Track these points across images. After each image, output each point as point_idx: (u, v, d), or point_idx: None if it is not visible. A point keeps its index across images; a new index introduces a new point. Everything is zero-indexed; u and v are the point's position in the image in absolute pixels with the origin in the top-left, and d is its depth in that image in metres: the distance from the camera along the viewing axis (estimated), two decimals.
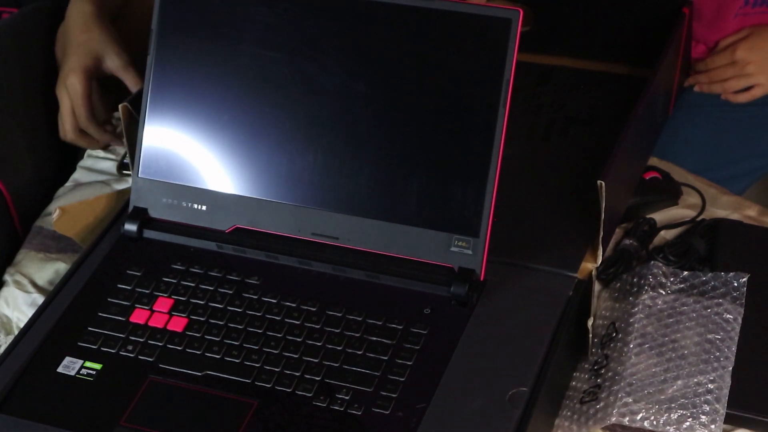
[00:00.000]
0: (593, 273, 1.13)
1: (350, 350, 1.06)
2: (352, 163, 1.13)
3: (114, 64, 1.40)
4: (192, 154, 1.18)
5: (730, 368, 1.10)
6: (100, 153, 1.46)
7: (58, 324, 1.12)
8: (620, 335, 1.15)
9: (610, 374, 1.12)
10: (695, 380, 1.09)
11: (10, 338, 1.20)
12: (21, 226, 1.39)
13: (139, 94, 1.20)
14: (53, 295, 1.15)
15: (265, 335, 1.09)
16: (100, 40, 1.40)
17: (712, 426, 1.05)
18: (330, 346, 1.07)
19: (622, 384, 1.10)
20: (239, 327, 1.10)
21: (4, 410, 1.05)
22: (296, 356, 1.06)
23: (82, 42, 1.40)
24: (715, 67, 1.57)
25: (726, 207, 1.36)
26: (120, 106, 1.21)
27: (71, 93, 1.38)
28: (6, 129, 1.39)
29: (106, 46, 1.40)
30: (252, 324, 1.10)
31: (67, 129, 1.41)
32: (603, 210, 1.11)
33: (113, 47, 1.40)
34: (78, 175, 1.44)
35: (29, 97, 1.43)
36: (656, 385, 1.09)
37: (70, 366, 1.08)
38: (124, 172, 1.42)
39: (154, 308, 1.12)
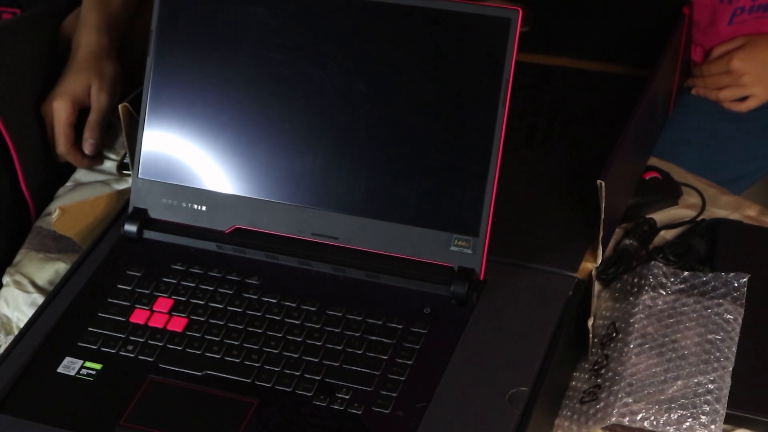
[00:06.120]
0: (593, 273, 1.13)
1: (350, 350, 1.06)
2: (352, 163, 1.13)
3: (93, 98, 1.40)
4: (192, 155, 1.18)
5: (730, 368, 1.10)
6: None
7: (58, 324, 1.12)
8: (620, 335, 1.15)
9: (610, 374, 1.12)
10: (695, 380, 1.09)
11: (10, 338, 1.20)
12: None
13: (139, 95, 1.20)
14: (53, 295, 1.15)
15: (265, 335, 1.09)
16: (102, 75, 1.40)
17: (712, 426, 1.05)
18: (330, 346, 1.07)
19: (622, 384, 1.10)
20: (239, 327, 1.10)
21: (4, 410, 1.05)
22: (296, 356, 1.06)
23: (86, 68, 1.40)
24: (710, 74, 1.57)
25: (726, 207, 1.36)
26: (120, 106, 1.21)
27: (55, 117, 1.39)
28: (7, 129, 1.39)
29: (102, 82, 1.40)
30: (252, 324, 1.10)
31: (55, 151, 1.41)
32: (603, 210, 1.11)
33: (106, 87, 1.40)
34: (78, 175, 1.44)
35: (30, 99, 1.43)
36: (656, 385, 1.09)
37: (70, 366, 1.08)
38: (124, 172, 1.42)
39: (154, 308, 1.12)
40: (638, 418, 1.07)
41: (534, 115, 1.37)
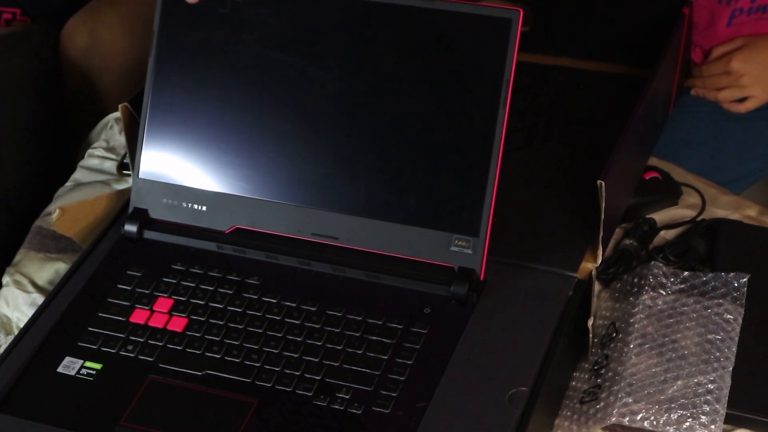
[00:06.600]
0: (593, 273, 1.13)
1: (350, 350, 1.06)
2: (352, 163, 1.13)
3: None
4: (192, 155, 1.18)
5: (730, 368, 1.10)
6: (101, 153, 1.46)
7: (58, 324, 1.12)
8: (620, 335, 1.15)
9: (610, 374, 1.12)
10: (695, 380, 1.09)
11: (10, 338, 1.20)
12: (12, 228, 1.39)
13: (139, 95, 1.20)
14: (53, 295, 1.15)
15: (265, 335, 1.09)
16: None
17: (712, 426, 1.05)
18: (330, 346, 1.07)
19: (622, 384, 1.10)
20: (239, 327, 1.10)
21: (4, 410, 1.05)
22: (296, 356, 1.06)
23: None
24: (709, 75, 1.57)
25: (726, 207, 1.36)
26: (120, 106, 1.21)
27: None
28: None
29: None
30: (252, 324, 1.10)
31: None
32: (603, 210, 1.11)
33: None
34: (78, 175, 1.44)
35: (22, 101, 1.42)
36: (656, 385, 1.09)
37: (70, 366, 1.08)
38: (124, 172, 1.42)
39: (154, 308, 1.12)
40: (638, 418, 1.07)
41: (534, 115, 1.37)
